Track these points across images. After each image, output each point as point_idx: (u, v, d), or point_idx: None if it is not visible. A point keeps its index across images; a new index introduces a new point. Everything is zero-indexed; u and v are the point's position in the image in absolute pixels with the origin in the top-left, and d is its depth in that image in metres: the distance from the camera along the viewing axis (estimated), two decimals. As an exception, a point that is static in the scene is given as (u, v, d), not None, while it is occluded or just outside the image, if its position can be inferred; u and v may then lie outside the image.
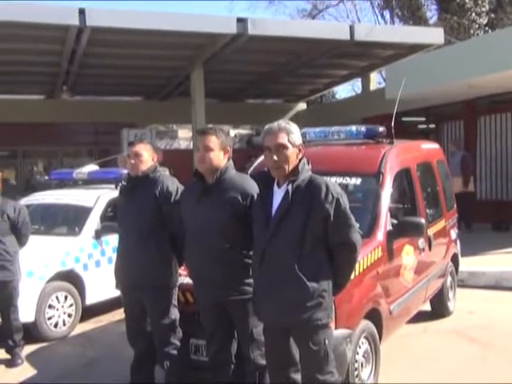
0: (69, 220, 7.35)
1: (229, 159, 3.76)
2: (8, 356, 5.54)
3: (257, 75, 16.23)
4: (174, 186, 4.18)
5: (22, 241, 5.67)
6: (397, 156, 5.26)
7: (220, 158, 3.70)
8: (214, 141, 3.68)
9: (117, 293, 6.36)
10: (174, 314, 4.13)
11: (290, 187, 3.19)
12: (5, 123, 16.38)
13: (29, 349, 5.78)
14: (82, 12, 10.54)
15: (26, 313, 5.83)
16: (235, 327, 3.78)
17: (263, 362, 3.57)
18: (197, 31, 11.59)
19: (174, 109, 17.79)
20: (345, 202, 3.21)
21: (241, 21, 11.65)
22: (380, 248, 4.48)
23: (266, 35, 11.92)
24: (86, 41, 11.63)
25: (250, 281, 3.48)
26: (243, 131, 27.87)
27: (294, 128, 3.29)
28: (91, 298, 6.73)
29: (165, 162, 4.72)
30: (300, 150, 3.29)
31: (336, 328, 3.67)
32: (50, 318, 6.21)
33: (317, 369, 3.22)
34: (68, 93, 16.83)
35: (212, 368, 3.88)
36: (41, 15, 10.48)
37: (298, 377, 3.36)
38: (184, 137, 29.76)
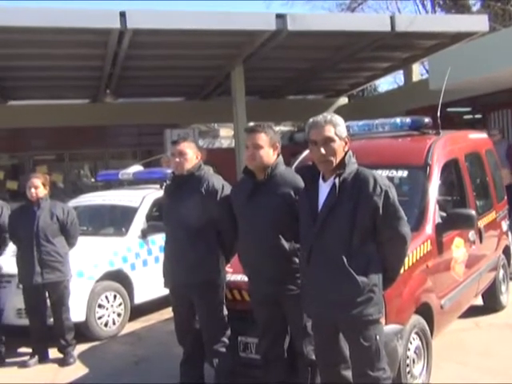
0: (115, 220, 7.47)
1: (278, 155, 3.78)
2: (61, 355, 5.65)
3: (297, 71, 16.14)
4: (219, 183, 4.19)
5: (71, 242, 5.77)
6: (444, 147, 5.14)
7: (270, 155, 3.72)
8: (263, 138, 3.70)
9: (164, 292, 6.43)
10: (223, 311, 4.13)
11: (336, 180, 3.14)
12: (52, 127, 16.79)
13: (80, 348, 5.89)
14: (122, 15, 10.64)
15: (76, 312, 5.93)
16: (288, 322, 3.77)
17: None
18: (236, 29, 11.58)
19: (216, 108, 17.85)
20: (393, 194, 3.15)
21: (280, 17, 11.57)
22: (429, 241, 4.38)
23: (305, 30, 11.82)
24: (128, 43, 11.75)
25: None
26: (284, 128, 27.79)
27: (339, 120, 3.25)
28: (139, 298, 6.81)
29: (207, 160, 4.73)
30: (346, 143, 3.24)
31: (386, 324, 3.60)
32: (100, 318, 6.31)
33: (368, 365, 3.17)
34: (111, 96, 17.09)
35: (264, 364, 3.87)
36: (83, 20, 10.62)
37: (348, 374, 3.31)
38: (225, 135, 29.87)
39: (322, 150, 3.16)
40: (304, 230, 3.32)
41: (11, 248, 5.97)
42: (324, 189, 3.22)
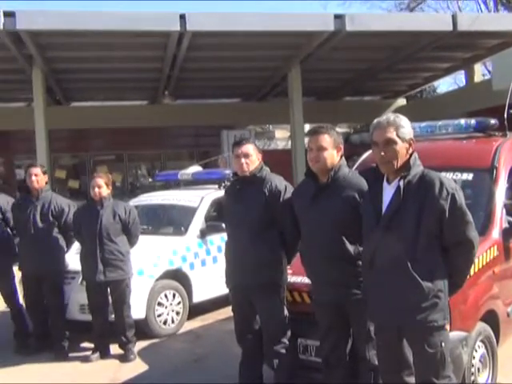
0: (175, 220, 7.56)
1: (341, 157, 3.73)
2: (121, 351, 5.77)
3: (354, 72, 16.00)
4: (282, 184, 4.19)
5: (132, 241, 5.88)
6: (511, 149, 4.97)
7: (334, 157, 3.68)
8: (326, 140, 3.66)
9: (221, 292, 6.53)
10: (284, 312, 4.12)
11: (401, 183, 3.08)
12: (112, 128, 17.20)
13: (140, 344, 5.98)
14: (182, 17, 10.80)
15: (137, 310, 6.04)
16: (351, 326, 3.73)
17: None
18: (294, 30, 11.58)
19: (272, 109, 17.89)
20: (460, 197, 3.06)
21: (338, 17, 11.51)
22: (496, 247, 4.24)
23: (364, 31, 11.72)
24: (187, 45, 11.92)
25: None
26: (340, 130, 27.59)
27: (403, 122, 3.18)
28: (198, 297, 6.88)
29: (264, 162, 4.73)
30: (410, 145, 3.17)
31: (451, 330, 3.51)
32: (159, 316, 6.40)
33: (433, 373, 3.09)
34: (169, 97, 17.35)
35: (324, 368, 3.84)
36: (143, 23, 10.85)
37: (411, 380, 3.24)
38: (281, 137, 29.88)
39: (383, 153, 3.11)
40: (367, 233, 3.27)
41: (76, 245, 6.15)
42: (388, 191, 3.16)
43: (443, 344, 3.09)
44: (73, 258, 6.06)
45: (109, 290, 5.72)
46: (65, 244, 6.00)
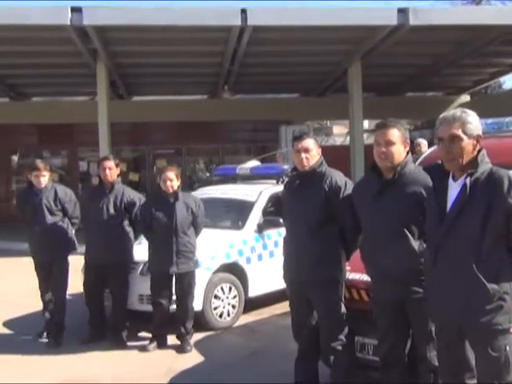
0: (232, 214, 7.59)
1: (408, 153, 3.64)
2: (178, 342, 5.84)
3: (416, 67, 15.67)
4: (342, 180, 4.14)
5: (198, 233, 5.98)
6: None
7: (401, 152, 3.59)
8: (395, 134, 3.58)
9: (277, 286, 6.54)
10: (342, 309, 4.08)
11: (468, 180, 2.98)
12: (172, 122, 17.46)
13: (196, 337, 6.03)
14: (243, 12, 10.82)
15: (194, 302, 6.07)
16: (411, 325, 3.65)
17: None
18: (356, 24, 11.41)
19: (331, 104, 17.75)
20: (530, 196, 2.94)
21: (402, 11, 11.26)
22: None
23: (428, 25, 11.43)
24: (247, 40, 11.94)
25: None
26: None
27: (471, 117, 3.07)
28: (253, 291, 6.89)
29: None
30: (478, 141, 3.06)
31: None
32: (215, 308, 6.45)
33: (496, 377, 2.98)
34: (229, 92, 17.45)
35: (382, 367, 3.78)
36: (205, 18, 10.94)
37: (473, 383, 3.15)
38: (339, 133, 29.64)
39: (447, 149, 3.02)
40: (430, 231, 3.18)
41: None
42: (454, 188, 3.06)
43: (508, 348, 2.97)
44: (134, 249, 6.17)
45: (174, 281, 5.80)
46: (133, 236, 6.14)
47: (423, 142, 8.95)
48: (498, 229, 2.94)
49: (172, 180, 5.75)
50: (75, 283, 6.68)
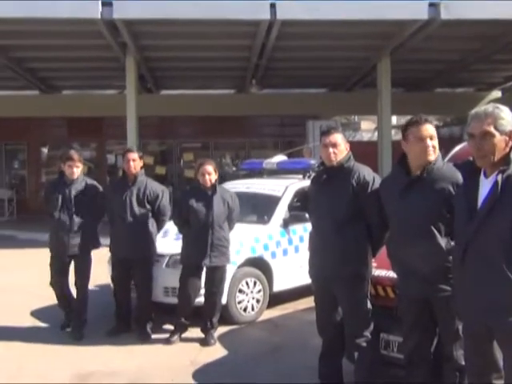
0: (258, 208, 7.56)
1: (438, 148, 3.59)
2: (202, 335, 5.84)
3: (446, 63, 15.46)
4: (370, 175, 4.10)
5: (231, 227, 6.00)
6: None
7: (436, 148, 3.57)
8: (431, 130, 3.55)
9: (301, 282, 6.51)
10: (368, 305, 4.04)
11: (499, 177, 2.91)
12: (199, 116, 17.52)
13: (220, 330, 6.04)
14: (272, 6, 10.78)
15: (221, 296, 6.10)
16: (438, 324, 3.60)
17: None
18: (386, 19, 11.30)
19: (359, 100, 17.63)
20: (562, 195, 2.86)
21: (432, 5, 11.11)
22: None
23: (459, 19, 11.25)
24: (276, 34, 11.90)
25: None
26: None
27: (504, 113, 3.00)
28: (278, 286, 6.87)
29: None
30: (510, 137, 2.98)
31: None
32: (239, 302, 6.45)
33: (524, 378, 2.93)
34: (256, 86, 17.43)
35: (407, 365, 3.74)
36: (234, 12, 10.92)
37: (500, 384, 3.09)
38: (366, 129, 29.42)
39: (479, 145, 2.96)
40: (460, 228, 3.12)
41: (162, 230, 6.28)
42: (485, 185, 3.00)
43: (536, 349, 2.91)
44: (159, 242, 6.20)
45: (204, 275, 5.81)
46: (156, 228, 6.13)
47: None
48: (529, 227, 2.87)
49: (210, 174, 5.75)
50: (101, 275, 6.74)
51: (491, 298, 2.92)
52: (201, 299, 5.91)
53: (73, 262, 6.11)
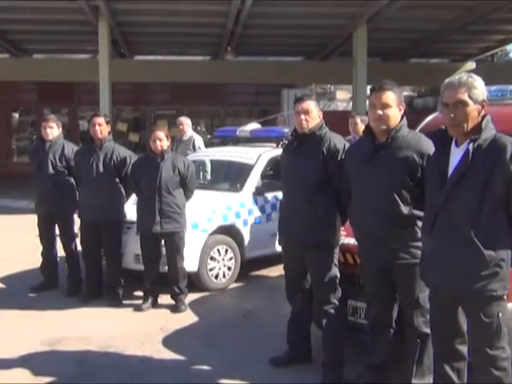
0: (231, 176, 7.57)
1: (402, 117, 3.58)
2: (173, 302, 5.87)
3: (422, 33, 15.41)
4: (341, 143, 4.08)
5: (188, 195, 5.94)
6: None
7: (397, 115, 3.54)
8: (391, 97, 3.51)
9: (273, 249, 6.54)
10: (335, 272, 4.07)
11: (470, 146, 2.92)
12: (174, 83, 17.26)
13: (191, 297, 6.07)
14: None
15: (190, 263, 6.11)
16: (398, 291, 3.65)
17: (426, 329, 3.44)
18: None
19: (334, 69, 17.50)
20: (533, 164, 2.88)
21: (409, -27, 11.04)
22: None
23: (437, -12, 11.21)
24: (251, 0, 11.72)
25: (419, 244, 3.31)
26: (404, 93, 26.85)
27: (477, 82, 3.00)
28: (249, 253, 6.89)
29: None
30: (483, 107, 3.00)
31: (510, 301, 3.38)
32: (211, 270, 6.46)
33: (487, 343, 2.99)
34: (232, 53, 17.21)
35: (370, 331, 3.80)
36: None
37: (463, 349, 3.15)
38: (342, 98, 29.40)
39: (452, 114, 2.96)
40: (430, 197, 3.14)
41: (133, 196, 6.24)
42: (456, 154, 3.01)
43: (500, 314, 2.97)
44: (130, 209, 6.16)
45: (163, 241, 5.81)
46: (125, 194, 6.10)
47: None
48: (498, 196, 2.90)
49: (161, 140, 5.72)
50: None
51: (459, 266, 2.97)
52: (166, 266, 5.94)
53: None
